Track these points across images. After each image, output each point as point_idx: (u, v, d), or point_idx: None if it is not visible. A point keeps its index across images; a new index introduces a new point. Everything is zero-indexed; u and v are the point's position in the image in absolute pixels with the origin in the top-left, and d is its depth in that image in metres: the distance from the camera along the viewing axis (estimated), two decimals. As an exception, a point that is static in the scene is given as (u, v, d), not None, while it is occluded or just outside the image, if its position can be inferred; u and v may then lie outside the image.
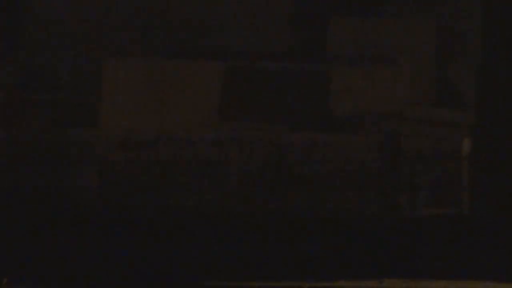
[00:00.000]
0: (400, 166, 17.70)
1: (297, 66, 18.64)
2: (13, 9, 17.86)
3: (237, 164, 17.80)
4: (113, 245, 17.09)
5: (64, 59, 17.85)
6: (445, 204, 17.95)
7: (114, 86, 18.03)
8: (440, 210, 18.16)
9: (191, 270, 16.64)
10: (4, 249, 16.87)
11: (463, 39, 19.56)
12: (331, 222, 17.50)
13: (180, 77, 18.24)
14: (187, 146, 17.97)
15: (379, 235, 17.38)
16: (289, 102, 18.14)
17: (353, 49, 18.75)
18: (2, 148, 17.20)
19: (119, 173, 17.50)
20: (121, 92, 18.05)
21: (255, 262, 17.24)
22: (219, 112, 18.14)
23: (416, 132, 18.00)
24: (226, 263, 17.06)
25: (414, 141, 18.11)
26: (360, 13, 19.51)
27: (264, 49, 18.57)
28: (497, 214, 17.44)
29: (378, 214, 17.61)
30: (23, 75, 17.53)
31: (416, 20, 19.23)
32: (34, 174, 17.17)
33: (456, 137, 17.93)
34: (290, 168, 18.02)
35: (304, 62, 18.56)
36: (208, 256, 17.03)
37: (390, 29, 19.17)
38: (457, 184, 17.68)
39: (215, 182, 17.97)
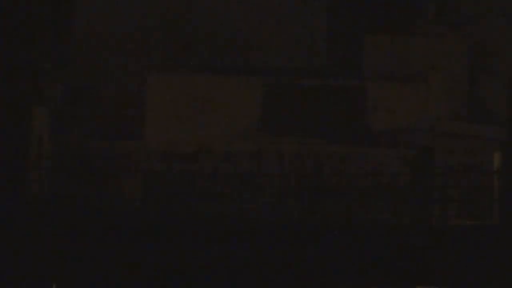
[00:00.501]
0: (431, 179, 18.11)
1: (334, 82, 19.12)
2: (60, 30, 18.49)
3: (275, 175, 18.34)
4: (155, 249, 17.66)
5: (109, 75, 18.49)
6: (477, 215, 18.24)
7: (158, 100, 18.60)
8: (471, 222, 18.46)
9: (225, 276, 17.35)
10: (55, 253, 17.49)
11: (494, 57, 19.96)
12: (364, 232, 17.98)
13: (222, 92, 18.79)
14: (226, 159, 18.51)
15: (411, 245, 17.80)
16: (326, 117, 18.58)
17: (387, 66, 19.19)
18: (53, 158, 17.88)
19: (161, 183, 18.08)
20: (164, 106, 18.59)
21: (285, 269, 17.86)
22: (259, 126, 18.70)
23: (447, 146, 18.34)
24: (258, 269, 17.69)
25: (445, 155, 18.49)
26: (393, 31, 20.07)
27: (302, 66, 19.07)
28: None
29: (410, 225, 18.02)
30: (70, 91, 18.25)
31: (449, 38, 19.66)
32: (81, 183, 17.82)
33: (487, 152, 18.24)
34: (326, 179, 18.56)
35: (340, 78, 19.06)
36: (244, 262, 17.60)
37: (423, 47, 19.59)
38: (488, 197, 17.94)
39: (254, 193, 18.51)
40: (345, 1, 20.02)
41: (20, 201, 18.54)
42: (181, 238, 18.33)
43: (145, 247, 18.54)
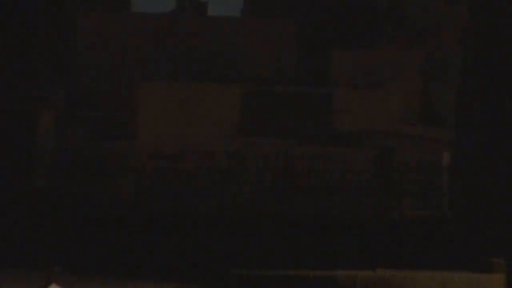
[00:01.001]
0: (390, 175, 20.02)
1: (304, 90, 20.87)
2: (61, 41, 20.24)
3: (250, 173, 20.14)
4: (146, 242, 19.20)
5: (105, 83, 20.25)
6: (429, 207, 20.15)
7: (147, 105, 20.25)
8: (424, 213, 20.36)
9: (214, 262, 18.80)
10: (56, 245, 18.93)
11: (444, 67, 21.95)
12: (331, 223, 19.68)
13: (204, 98, 20.50)
14: (208, 158, 20.23)
15: (372, 234, 19.50)
16: (297, 120, 20.35)
17: (351, 75, 21.08)
18: (53, 158, 19.52)
19: (150, 180, 19.81)
20: (153, 110, 20.26)
21: (266, 256, 19.35)
22: (237, 129, 20.50)
23: (404, 146, 20.28)
24: (242, 257, 19.18)
25: (402, 154, 20.38)
26: (356, 45, 22.01)
27: (275, 75, 20.86)
28: (472, 216, 19.43)
29: (371, 216, 19.84)
30: (70, 96, 19.95)
31: (404, 51, 21.65)
32: (78, 180, 19.47)
33: (438, 151, 20.19)
34: (297, 176, 20.33)
35: (310, 86, 20.90)
36: (227, 251, 19.16)
37: (382, 59, 21.52)
38: (438, 190, 19.81)
39: (232, 189, 20.28)
40: (312, 19, 21.99)
41: (24, 193, 20.19)
42: (165, 230, 20.08)
43: (133, 238, 20.23)
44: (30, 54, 20.16)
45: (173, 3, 23.35)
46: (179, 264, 18.37)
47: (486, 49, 19.60)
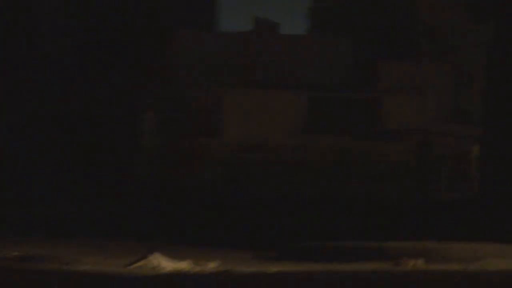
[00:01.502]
0: (429, 165, 22.54)
1: (357, 95, 23.63)
2: (163, 55, 23.12)
3: (315, 162, 22.79)
4: (232, 219, 21.05)
5: (197, 90, 23.09)
6: (461, 191, 22.61)
7: (231, 108, 23.12)
8: (455, 195, 22.78)
9: (288, 235, 20.33)
10: (157, 221, 20.81)
11: (470, 76, 24.56)
12: (380, 205, 21.92)
13: (276, 102, 23.32)
14: (280, 150, 22.98)
15: (414, 213, 21.54)
16: (352, 120, 23.04)
17: (396, 82, 23.76)
18: (155, 151, 22.36)
19: (234, 169, 22.54)
20: (236, 112, 23.07)
21: (328, 230, 21.01)
22: (302, 128, 23.28)
23: (440, 141, 22.93)
24: (310, 231, 20.74)
25: (438, 147, 23.02)
26: (400, 57, 24.75)
27: (334, 83, 23.67)
28: (497, 199, 21.55)
29: (413, 199, 22.23)
30: (169, 101, 22.81)
31: (438, 63, 24.48)
32: (175, 169, 22.21)
33: (468, 144, 22.69)
34: (351, 166, 23.05)
35: (362, 92, 23.65)
36: (298, 226, 20.92)
37: (421, 69, 24.15)
38: (469, 177, 22.23)
39: (298, 176, 22.87)
40: (364, 36, 24.61)
41: (132, 178, 22.98)
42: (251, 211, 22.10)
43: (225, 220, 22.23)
44: (139, 67, 23.07)
45: (251, 23, 26.28)
46: (260, 237, 20.26)
47: (506, 63, 21.84)
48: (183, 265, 14.19)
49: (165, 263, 14.13)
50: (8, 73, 23.70)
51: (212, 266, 14.09)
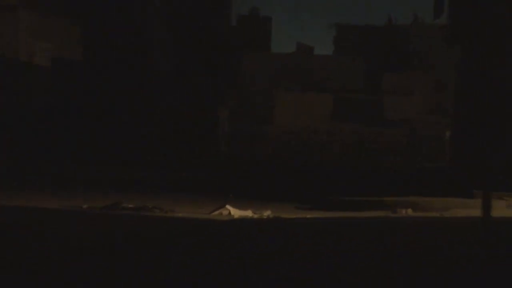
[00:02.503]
0: (416, 143, 27.36)
1: (367, 96, 29.25)
2: (233, 67, 28.63)
3: (339, 142, 28.49)
4: (282, 182, 23.63)
5: (256, 92, 28.49)
6: (438, 162, 27.37)
7: (281, 105, 29.28)
8: (434, 165, 28.26)
9: (321, 192, 20.76)
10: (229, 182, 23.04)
11: (446, 83, 28.91)
12: (383, 170, 26.02)
13: (312, 101, 28.95)
14: (315, 133, 28.63)
15: (406, 176, 24.87)
16: (364, 113, 27.94)
17: (393, 87, 29.08)
18: (229, 136, 27.44)
19: (282, 146, 27.79)
20: (284, 105, 29.13)
21: (351, 189, 21.69)
22: (330, 119, 28.97)
23: (424, 127, 28.03)
24: (338, 189, 21.47)
25: (423, 131, 28.34)
26: (397, 70, 30.27)
27: (352, 88, 30.27)
28: (463, 167, 24.54)
29: (406, 167, 26.55)
30: (238, 100, 27.96)
31: (423, 74, 30.73)
32: (246, 148, 27.14)
33: (444, 130, 28.39)
34: (366, 145, 28.96)
35: (370, 94, 29.22)
36: (329, 186, 22.44)
37: (412, 78, 30.27)
38: (443, 152, 27.63)
39: (328, 151, 28.04)
40: (372, 54, 29.88)
41: (213, 154, 28.51)
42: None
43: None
44: (220, 76, 29.66)
45: (294, 47, 31.88)
46: (300, 194, 20.60)
47: (469, 75, 25.41)
48: (247, 213, 14.55)
49: (234, 212, 14.40)
50: (132, 84, 28.79)
51: (266, 214, 14.44)
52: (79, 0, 30.16)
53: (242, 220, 13.96)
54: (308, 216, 14.63)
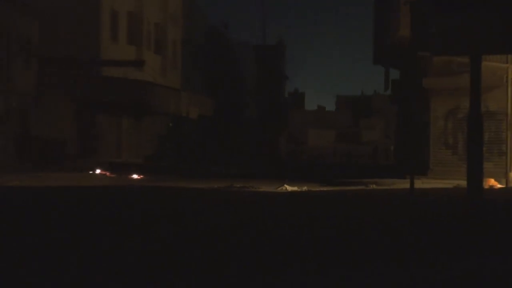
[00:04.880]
0: (377, 153, 50.40)
1: (354, 130, 52.03)
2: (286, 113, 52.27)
3: (338, 154, 51.03)
4: (313, 172, 38.32)
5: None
6: (389, 160, 49.97)
7: (308, 136, 52.05)
8: (386, 163, 49.89)
9: (329, 177, 31.15)
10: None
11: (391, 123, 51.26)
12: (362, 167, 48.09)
13: (324, 135, 52.08)
14: (325, 149, 51.18)
15: (373, 168, 39.98)
16: (352, 139, 50.75)
17: (366, 125, 52.13)
18: (282, 152, 51.20)
19: (313, 157, 51.05)
20: (310, 138, 51.64)
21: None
22: (334, 142, 51.81)
23: (380, 144, 50.84)
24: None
25: (380, 147, 51.54)
26: (368, 115, 52.79)
27: (343, 125, 52.46)
28: (401, 164, 37.54)
29: (373, 164, 49.16)
30: (288, 133, 52.04)
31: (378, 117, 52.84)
32: (292, 157, 50.40)
33: (390, 145, 50.34)
34: (352, 154, 51.12)
35: (354, 129, 51.72)
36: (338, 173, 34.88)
37: (374, 120, 52.45)
38: (391, 155, 49.63)
39: (333, 158, 50.91)
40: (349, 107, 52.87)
41: (276, 162, 47.04)
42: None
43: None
44: (279, 121, 51.54)
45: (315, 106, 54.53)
46: (322, 178, 26.15)
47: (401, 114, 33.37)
48: (295, 188, 19.79)
49: (288, 188, 19.77)
50: (238, 124, 50.87)
51: (304, 188, 19.68)
52: (212, 84, 50.96)
53: (292, 192, 19.47)
54: (324, 189, 20.71)
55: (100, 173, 31.52)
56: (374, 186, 21.56)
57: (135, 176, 29.15)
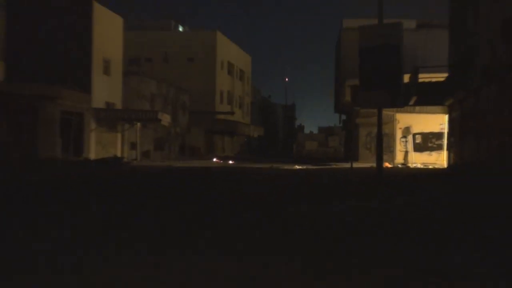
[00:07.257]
0: (336, 151, 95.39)
1: (325, 139, 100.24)
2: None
3: (320, 152, 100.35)
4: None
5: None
6: (339, 155, 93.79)
7: (305, 145, 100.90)
8: (339, 156, 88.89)
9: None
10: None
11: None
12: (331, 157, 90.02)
13: (313, 143, 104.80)
14: (315, 152, 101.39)
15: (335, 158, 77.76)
16: (324, 144, 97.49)
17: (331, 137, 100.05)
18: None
19: (307, 154, 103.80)
20: (307, 144, 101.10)
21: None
22: (317, 146, 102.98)
23: (338, 146, 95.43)
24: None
25: (337, 148, 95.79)
26: (333, 134, 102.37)
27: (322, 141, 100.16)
28: (348, 157, 57.69)
29: (334, 157, 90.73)
30: (297, 142, 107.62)
31: (338, 135, 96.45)
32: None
33: (341, 146, 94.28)
34: (326, 153, 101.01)
35: (326, 138, 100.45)
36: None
37: (336, 136, 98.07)
38: (340, 152, 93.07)
39: (317, 155, 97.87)
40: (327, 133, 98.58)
41: (290, 156, 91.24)
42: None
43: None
44: (293, 137, 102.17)
45: (317, 130, 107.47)
46: (312, 162, 41.30)
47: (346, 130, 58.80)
48: (300, 166, 29.53)
49: (297, 166, 34.85)
50: (274, 140, 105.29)
51: (305, 166, 27.54)
52: (264, 121, 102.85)
53: (298, 169, 33.50)
54: (313, 167, 36.53)
55: (215, 161, 55.29)
56: (335, 166, 38.17)
57: (230, 162, 52.30)
